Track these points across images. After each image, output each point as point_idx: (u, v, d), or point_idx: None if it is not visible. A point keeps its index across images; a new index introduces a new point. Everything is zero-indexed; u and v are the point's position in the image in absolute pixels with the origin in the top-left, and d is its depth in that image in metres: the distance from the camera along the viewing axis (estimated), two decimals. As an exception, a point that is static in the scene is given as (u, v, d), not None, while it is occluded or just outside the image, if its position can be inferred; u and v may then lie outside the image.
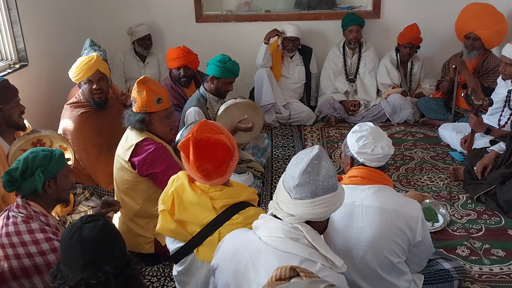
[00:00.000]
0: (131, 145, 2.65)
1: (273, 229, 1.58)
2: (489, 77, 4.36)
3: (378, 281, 2.07)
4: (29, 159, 2.02)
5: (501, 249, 2.86)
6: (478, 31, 4.33)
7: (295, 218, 1.56)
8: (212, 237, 1.91)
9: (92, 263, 1.50)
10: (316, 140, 4.56)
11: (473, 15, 4.43)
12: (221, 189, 1.94)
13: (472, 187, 3.41)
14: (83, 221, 1.55)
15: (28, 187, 2.02)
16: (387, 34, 5.14)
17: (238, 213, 1.91)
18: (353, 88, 5.06)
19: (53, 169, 2.06)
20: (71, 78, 3.30)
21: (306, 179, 1.52)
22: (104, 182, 3.32)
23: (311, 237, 1.54)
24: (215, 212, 1.91)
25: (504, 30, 4.41)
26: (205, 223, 1.91)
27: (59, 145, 2.96)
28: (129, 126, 2.69)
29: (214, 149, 1.90)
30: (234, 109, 3.56)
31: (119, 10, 5.19)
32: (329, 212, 1.59)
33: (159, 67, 5.13)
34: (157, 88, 2.66)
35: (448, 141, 4.28)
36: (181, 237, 1.99)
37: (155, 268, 2.81)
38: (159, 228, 2.02)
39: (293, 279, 1.29)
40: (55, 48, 4.32)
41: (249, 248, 1.61)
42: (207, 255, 1.91)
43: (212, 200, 1.92)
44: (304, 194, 1.53)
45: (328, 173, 1.54)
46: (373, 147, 2.05)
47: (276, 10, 5.35)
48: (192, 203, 1.94)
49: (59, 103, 4.08)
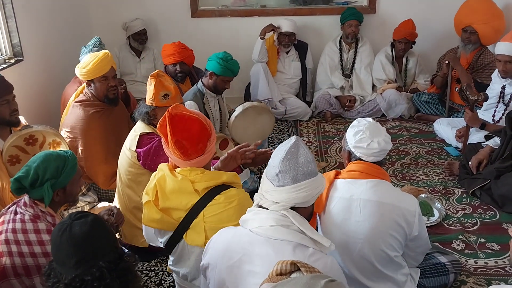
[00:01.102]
0: (136, 134, 2.69)
1: (263, 219, 1.62)
2: (483, 72, 4.38)
3: (376, 274, 2.08)
4: (41, 170, 1.98)
5: (495, 243, 2.89)
6: (476, 25, 4.35)
7: (279, 205, 1.61)
8: (197, 220, 1.94)
9: (85, 259, 1.49)
10: (312, 136, 4.57)
11: (473, 8, 4.45)
12: (202, 172, 1.97)
13: (467, 181, 3.44)
14: (72, 218, 1.54)
15: (37, 195, 2.02)
16: (382, 30, 5.15)
17: (219, 194, 1.94)
18: (348, 84, 5.07)
19: (64, 181, 2.05)
20: (79, 76, 3.25)
21: (286, 166, 1.59)
22: (103, 183, 3.31)
23: (297, 222, 1.59)
24: (198, 194, 1.94)
25: (501, 28, 4.44)
26: (189, 207, 1.94)
27: (52, 139, 2.94)
28: (138, 117, 2.73)
29: (189, 124, 1.93)
30: (251, 112, 3.59)
31: (115, 5, 5.16)
32: (311, 196, 1.63)
33: (154, 62, 5.11)
34: (167, 84, 2.67)
35: (443, 136, 4.30)
36: (168, 227, 2.00)
37: (153, 263, 2.82)
38: (144, 221, 2.03)
39: (294, 274, 1.29)
40: (50, 43, 4.30)
41: (241, 242, 1.64)
42: (195, 238, 1.94)
43: (193, 184, 1.94)
44: (286, 180, 1.59)
45: (307, 159, 1.61)
46: (369, 142, 2.06)
47: (272, 5, 5.34)
48: (174, 191, 1.96)
49: (55, 98, 4.08)
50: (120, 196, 2.87)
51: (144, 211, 2.02)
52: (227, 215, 1.91)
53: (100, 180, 3.32)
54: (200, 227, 1.92)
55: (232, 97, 4.96)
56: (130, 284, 1.56)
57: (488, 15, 4.37)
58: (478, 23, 4.34)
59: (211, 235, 1.88)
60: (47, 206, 2.04)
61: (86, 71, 3.18)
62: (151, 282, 2.68)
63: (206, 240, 1.90)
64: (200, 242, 1.92)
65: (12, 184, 2.00)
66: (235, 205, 1.92)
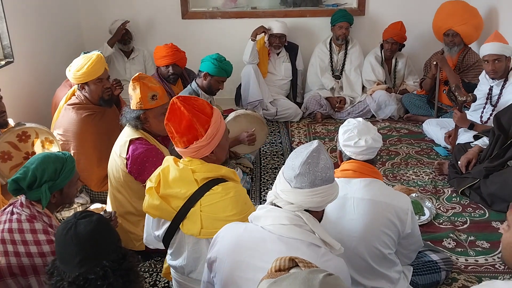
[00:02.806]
0: (126, 141, 2.66)
1: (276, 217, 1.63)
2: (470, 72, 4.45)
3: (370, 272, 2.11)
4: (39, 172, 1.98)
5: (485, 240, 2.93)
6: (457, 27, 4.43)
7: (294, 205, 1.61)
8: (194, 208, 1.96)
9: (89, 258, 1.50)
10: (303, 136, 4.60)
11: (449, 12, 4.54)
12: (202, 163, 2.01)
13: (457, 181, 3.49)
14: (77, 217, 1.55)
15: (34, 196, 2.02)
16: (371, 32, 5.21)
17: (217, 185, 1.97)
18: (339, 85, 5.11)
19: (61, 183, 2.06)
20: (73, 79, 3.24)
21: (306, 170, 1.58)
22: (95, 185, 3.31)
23: (311, 223, 1.61)
24: (197, 184, 1.97)
25: (480, 24, 4.54)
26: (188, 195, 1.97)
27: (45, 137, 2.93)
28: (126, 123, 2.70)
29: (179, 117, 1.96)
30: (243, 119, 3.60)
31: (105, 7, 5.15)
32: (325, 202, 1.64)
33: (144, 63, 5.10)
34: (152, 84, 2.65)
35: (432, 136, 4.36)
36: (166, 215, 2.02)
37: (147, 264, 2.82)
38: (145, 207, 2.06)
39: (292, 270, 1.31)
40: (40, 45, 4.28)
41: (251, 237, 1.64)
42: (191, 227, 1.97)
43: (194, 173, 1.98)
44: (304, 183, 1.59)
45: (326, 165, 1.61)
46: (356, 140, 2.11)
47: (262, 7, 5.37)
48: (175, 179, 2.00)
49: (45, 100, 4.06)
50: (112, 201, 2.86)
51: (146, 197, 2.05)
52: (222, 205, 1.94)
53: (92, 182, 3.32)
54: (196, 216, 1.95)
55: (223, 98, 4.99)
56: (132, 284, 1.57)
57: (466, 15, 4.46)
58: (458, 25, 4.42)
59: (206, 225, 1.92)
60: (44, 208, 2.04)
61: (81, 74, 3.17)
62: (146, 283, 2.67)
63: (201, 229, 1.94)
64: (196, 231, 1.95)
65: (10, 185, 2.00)
66: (232, 196, 1.95)
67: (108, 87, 3.28)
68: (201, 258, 2.02)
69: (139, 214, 2.74)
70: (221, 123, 2.03)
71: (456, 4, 4.59)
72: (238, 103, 5.10)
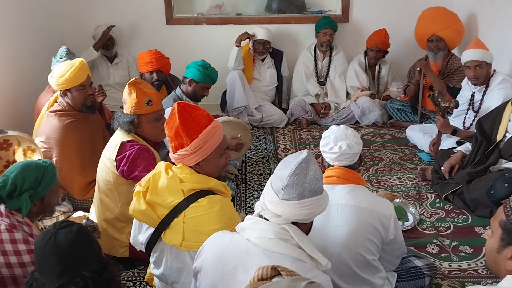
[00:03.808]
0: (117, 143, 2.65)
1: (262, 230, 1.60)
2: (454, 77, 4.51)
3: (354, 278, 2.11)
4: (19, 180, 1.95)
5: (468, 246, 2.95)
6: (440, 32, 4.49)
7: (281, 218, 1.58)
8: (177, 219, 1.95)
9: (69, 269, 1.48)
10: (288, 142, 4.60)
11: (431, 18, 4.61)
12: (192, 173, 2.00)
13: (440, 186, 3.51)
14: (56, 228, 1.53)
15: (14, 205, 1.98)
16: (355, 38, 5.25)
17: (203, 197, 1.96)
18: (323, 91, 5.14)
19: (42, 191, 2.03)
20: (55, 86, 3.20)
21: (294, 181, 1.55)
22: (78, 193, 3.27)
23: (297, 237, 1.57)
24: (183, 194, 1.96)
25: (461, 28, 4.62)
26: (173, 205, 1.96)
27: (27, 145, 2.89)
28: (118, 127, 2.68)
29: (173, 120, 1.98)
30: (226, 126, 3.58)
31: (87, 12, 5.11)
32: (314, 214, 1.61)
33: (128, 69, 5.06)
34: (148, 90, 2.65)
35: (416, 142, 4.39)
36: (150, 221, 2.01)
37: (130, 272, 2.78)
38: (131, 210, 2.05)
39: (275, 278, 1.31)
40: (23, 50, 4.22)
41: (236, 250, 1.61)
42: (172, 238, 1.96)
43: (182, 183, 1.97)
44: (292, 195, 1.55)
45: (316, 176, 1.58)
46: (331, 146, 2.13)
47: (247, 13, 5.38)
48: (163, 187, 1.99)
49: (27, 107, 4.00)
50: (98, 207, 2.82)
51: (133, 200, 2.04)
52: (207, 219, 1.92)
53: (75, 190, 3.27)
54: (179, 226, 1.93)
55: (208, 104, 4.95)
56: None
57: (447, 20, 4.54)
58: (441, 29, 4.49)
59: (188, 237, 1.90)
60: (24, 217, 2.00)
61: (64, 81, 3.14)
62: (128, 292, 2.65)
63: (183, 241, 1.92)
64: (177, 242, 1.94)
65: None
66: (216, 210, 1.93)
67: (91, 93, 3.25)
68: (184, 269, 2.00)
69: (125, 220, 2.72)
70: (213, 137, 2.00)
71: (437, 10, 4.66)
72: (223, 109, 5.09)
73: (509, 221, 1.33)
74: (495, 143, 3.31)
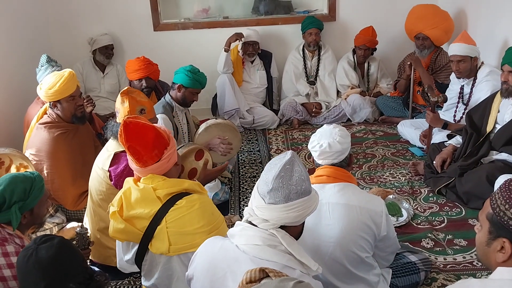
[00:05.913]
0: (110, 154, 2.64)
1: (250, 237, 1.58)
2: (442, 73, 4.52)
3: (348, 276, 2.11)
4: (7, 192, 1.95)
5: (463, 238, 2.96)
6: (426, 31, 4.49)
7: (270, 223, 1.56)
8: (160, 226, 1.95)
9: (54, 283, 1.47)
10: (280, 143, 4.60)
11: (418, 16, 4.60)
12: (163, 179, 2.01)
13: (433, 180, 3.52)
14: (37, 243, 1.52)
15: (3, 218, 1.98)
16: (343, 37, 5.26)
17: (181, 199, 1.97)
18: (314, 90, 5.14)
19: (31, 203, 2.02)
20: (44, 97, 3.19)
21: (279, 184, 1.53)
22: (70, 204, 3.25)
23: (286, 242, 1.55)
24: (160, 201, 1.97)
25: (450, 27, 4.60)
26: (152, 214, 1.96)
27: (19, 163, 2.89)
28: (111, 136, 2.68)
29: (144, 131, 1.99)
30: (214, 129, 3.58)
31: (74, 22, 5.09)
32: (303, 216, 1.59)
33: (118, 77, 5.04)
34: (140, 98, 2.66)
35: (407, 137, 4.40)
36: (132, 237, 2.01)
37: (126, 281, 2.77)
38: (111, 232, 2.04)
39: (263, 280, 1.31)
40: (9, 61, 4.20)
41: (226, 257, 1.60)
42: (159, 246, 1.96)
43: (155, 191, 1.98)
44: (278, 198, 1.53)
45: (301, 177, 1.55)
46: (315, 144, 2.14)
47: (234, 16, 5.38)
48: (137, 200, 1.99)
49: (16, 118, 3.98)
50: (92, 217, 2.81)
51: (110, 222, 2.03)
52: (189, 219, 1.94)
53: (68, 202, 3.26)
54: (163, 233, 1.93)
55: (199, 108, 4.97)
56: None
57: (435, 19, 4.51)
58: (427, 29, 4.48)
59: (174, 241, 1.90)
60: (15, 229, 1.99)
61: (53, 92, 3.12)
62: (125, 301, 2.64)
63: (170, 246, 1.92)
64: (164, 249, 1.94)
65: None
66: (197, 208, 1.95)
67: (81, 104, 3.25)
68: (173, 276, 2.00)
69: (118, 230, 2.71)
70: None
71: (427, 8, 4.64)
72: (214, 113, 5.09)
73: (495, 214, 1.34)
74: (485, 135, 3.32)
